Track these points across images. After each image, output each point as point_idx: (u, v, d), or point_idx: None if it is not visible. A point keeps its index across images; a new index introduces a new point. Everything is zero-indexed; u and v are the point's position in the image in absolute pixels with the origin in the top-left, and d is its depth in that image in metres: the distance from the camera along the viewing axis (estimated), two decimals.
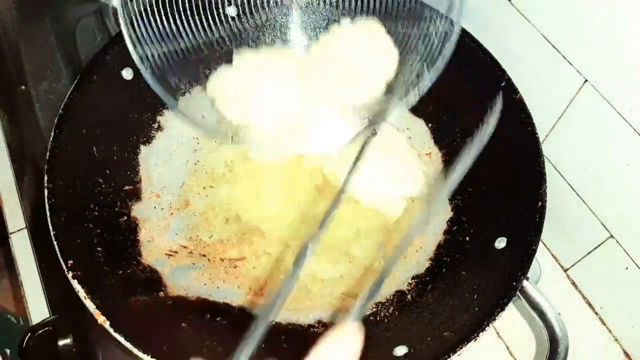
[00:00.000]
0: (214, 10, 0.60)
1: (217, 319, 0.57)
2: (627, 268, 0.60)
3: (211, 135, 0.61)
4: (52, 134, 0.58)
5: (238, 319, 0.58)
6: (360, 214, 0.66)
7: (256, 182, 0.68)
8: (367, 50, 0.58)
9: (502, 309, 0.50)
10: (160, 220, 0.64)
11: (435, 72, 0.54)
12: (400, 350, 0.53)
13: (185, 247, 0.63)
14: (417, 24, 0.57)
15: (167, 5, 0.56)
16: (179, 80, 0.60)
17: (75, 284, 0.50)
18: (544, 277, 0.63)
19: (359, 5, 0.62)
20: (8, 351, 0.91)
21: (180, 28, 0.58)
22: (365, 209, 0.66)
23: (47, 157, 0.56)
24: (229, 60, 0.62)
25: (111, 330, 0.48)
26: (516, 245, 0.55)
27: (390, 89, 0.60)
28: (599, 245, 0.63)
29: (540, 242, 0.53)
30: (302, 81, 0.60)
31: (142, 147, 0.66)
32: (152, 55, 0.55)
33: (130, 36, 0.52)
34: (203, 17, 0.59)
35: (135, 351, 0.47)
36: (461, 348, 0.49)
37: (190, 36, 0.59)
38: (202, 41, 0.60)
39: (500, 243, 0.57)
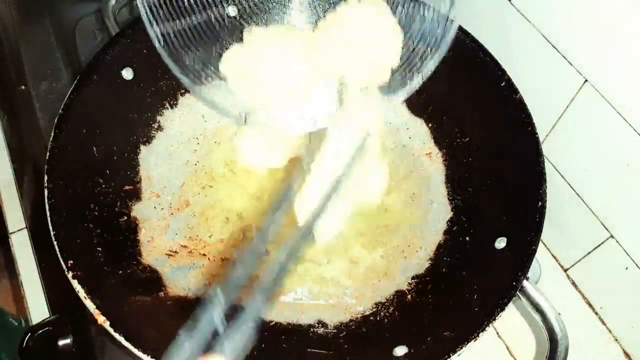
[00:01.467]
0: None
1: None
2: (627, 268, 0.60)
3: (225, 116, 0.62)
4: (52, 134, 0.58)
5: None
6: (360, 214, 0.66)
7: (256, 182, 0.68)
8: (373, 30, 0.58)
9: (502, 309, 0.50)
10: (160, 220, 0.64)
11: (438, 56, 0.54)
12: (400, 350, 0.53)
13: (185, 247, 0.63)
14: (419, 5, 0.58)
15: None
16: (193, 60, 0.61)
17: (75, 284, 0.50)
18: (544, 277, 0.63)
19: None
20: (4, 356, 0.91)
21: (193, 2, 0.59)
22: (365, 208, 0.66)
23: (47, 157, 0.56)
24: (240, 39, 0.63)
25: (111, 330, 0.48)
26: (516, 245, 0.55)
27: (395, 72, 0.60)
28: (599, 245, 0.63)
29: (540, 242, 0.53)
30: (310, 59, 0.61)
31: (142, 147, 0.66)
32: (168, 34, 0.56)
33: (146, 13, 0.53)
34: None
35: (135, 351, 0.47)
36: (461, 348, 0.49)
37: (203, 12, 0.60)
38: (214, 17, 0.61)
39: (500, 243, 0.57)
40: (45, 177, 0.55)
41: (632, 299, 0.62)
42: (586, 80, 0.57)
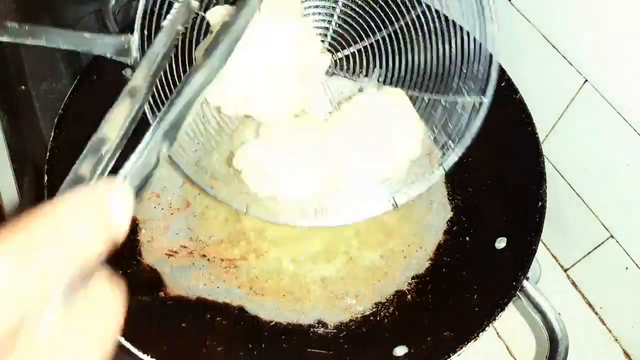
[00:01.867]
0: None
1: (217, 319, 0.57)
2: (627, 268, 0.60)
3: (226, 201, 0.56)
4: (52, 134, 0.58)
5: (238, 319, 0.58)
6: None
7: None
8: (391, 123, 0.55)
9: (502, 309, 0.50)
10: (160, 220, 0.64)
11: (461, 147, 0.51)
12: (400, 350, 0.53)
13: (185, 247, 0.63)
14: (444, 95, 0.54)
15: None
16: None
17: None
18: (544, 277, 0.63)
19: (384, 74, 0.59)
20: None
21: None
22: None
23: (47, 157, 0.56)
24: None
25: None
26: (516, 245, 0.55)
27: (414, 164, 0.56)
28: (599, 245, 0.63)
29: (540, 242, 0.53)
30: (326, 152, 0.57)
31: None
32: None
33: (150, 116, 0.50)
34: None
35: (135, 351, 0.47)
36: (461, 348, 0.49)
37: None
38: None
39: (500, 243, 0.57)
40: (45, 177, 0.55)
41: (632, 299, 0.62)
42: (586, 80, 0.57)
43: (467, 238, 0.61)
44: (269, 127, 0.57)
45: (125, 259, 0.58)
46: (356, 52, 0.60)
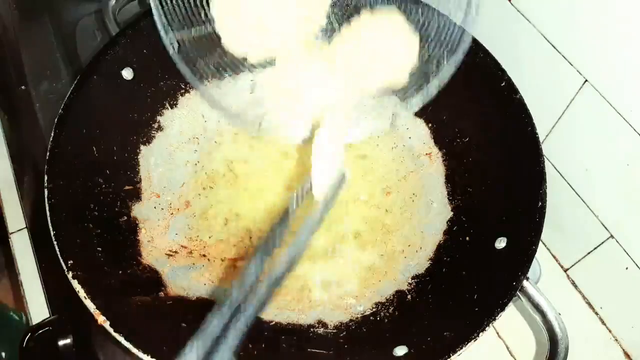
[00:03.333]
0: None
1: None
2: (627, 268, 0.60)
3: (238, 122, 0.64)
4: (52, 134, 0.58)
5: None
6: (360, 214, 0.66)
7: (256, 182, 0.68)
8: (388, 38, 0.59)
9: (502, 309, 0.50)
10: (160, 220, 0.64)
11: (455, 61, 0.54)
12: (400, 350, 0.53)
13: (185, 247, 0.63)
14: (437, 12, 0.58)
15: None
16: (205, 64, 0.61)
17: (75, 284, 0.50)
18: (544, 277, 0.63)
19: None
20: (3, 354, 0.92)
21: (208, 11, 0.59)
22: (364, 209, 0.66)
23: (47, 157, 0.56)
24: None
25: (111, 330, 0.48)
26: (516, 245, 0.55)
27: (412, 77, 0.60)
28: (599, 245, 0.63)
29: (540, 242, 0.53)
30: (332, 73, 0.62)
31: (142, 147, 0.66)
32: (182, 40, 0.57)
33: (160, 18, 0.53)
34: None
35: (135, 351, 0.47)
36: (461, 348, 0.49)
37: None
38: None
39: (500, 243, 0.57)
40: (45, 177, 0.55)
41: (632, 299, 0.62)
42: (586, 80, 0.57)
43: (467, 238, 0.61)
44: (284, 57, 0.62)
45: (125, 259, 0.58)
46: None
